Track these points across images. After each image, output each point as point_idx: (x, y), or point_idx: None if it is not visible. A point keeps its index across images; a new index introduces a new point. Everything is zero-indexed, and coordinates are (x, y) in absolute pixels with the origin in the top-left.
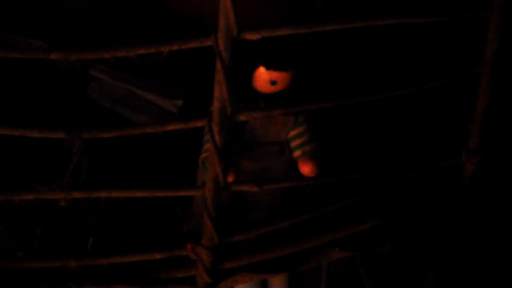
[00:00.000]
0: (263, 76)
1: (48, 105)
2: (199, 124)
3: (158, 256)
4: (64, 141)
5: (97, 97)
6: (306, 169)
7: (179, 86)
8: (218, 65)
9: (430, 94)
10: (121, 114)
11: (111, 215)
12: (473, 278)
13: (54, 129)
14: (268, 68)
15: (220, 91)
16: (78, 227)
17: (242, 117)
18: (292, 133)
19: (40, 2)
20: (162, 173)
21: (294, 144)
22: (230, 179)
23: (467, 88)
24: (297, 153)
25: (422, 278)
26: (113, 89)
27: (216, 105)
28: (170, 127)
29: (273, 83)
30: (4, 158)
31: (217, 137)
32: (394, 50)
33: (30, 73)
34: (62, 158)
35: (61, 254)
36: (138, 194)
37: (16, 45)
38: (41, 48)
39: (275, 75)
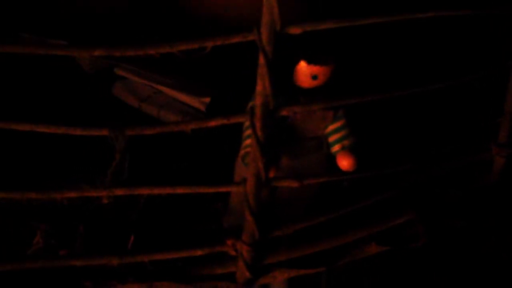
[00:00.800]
0: (304, 71)
1: (75, 105)
2: (241, 119)
3: (199, 252)
4: (104, 139)
5: (123, 96)
6: (345, 163)
7: (206, 83)
8: (261, 60)
9: (461, 88)
10: (148, 113)
11: (152, 213)
12: (494, 275)
13: (97, 126)
14: (309, 62)
15: (263, 86)
16: (120, 225)
17: (284, 112)
18: (331, 127)
19: (57, 2)
20: (193, 170)
21: (332, 138)
22: (271, 174)
23: (496, 82)
24: (335, 148)
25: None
26: (139, 87)
27: (258, 100)
28: (212, 123)
29: (314, 77)
30: (44, 156)
31: (259, 133)
32: (422, 45)
33: (55, 74)
34: (101, 156)
35: (103, 252)
36: (180, 190)
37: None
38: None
39: (316, 69)
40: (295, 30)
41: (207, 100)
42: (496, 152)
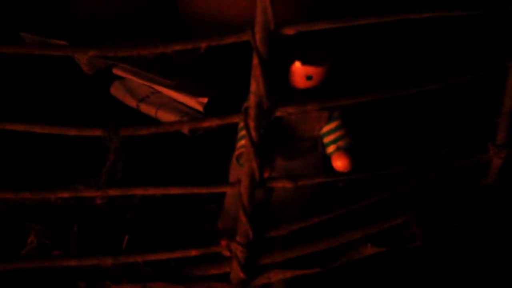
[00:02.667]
0: (298, 71)
1: (72, 105)
2: (235, 120)
3: (193, 253)
4: (100, 139)
5: (121, 96)
6: (340, 164)
7: (204, 84)
8: (255, 60)
9: (461, 88)
10: (146, 113)
11: (146, 213)
12: (484, 275)
13: (91, 126)
14: (304, 63)
15: (257, 86)
16: (114, 225)
17: (278, 113)
18: (326, 128)
19: (56, 2)
20: (190, 170)
21: (328, 139)
22: (266, 175)
23: (496, 82)
24: (330, 149)
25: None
26: (136, 87)
27: (252, 100)
28: (207, 124)
29: (309, 78)
30: (39, 156)
31: (253, 133)
32: (425, 44)
33: (54, 73)
34: (97, 156)
35: (97, 252)
36: (174, 191)
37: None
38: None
39: (311, 70)
40: (289, 31)
41: (205, 100)
42: (494, 153)
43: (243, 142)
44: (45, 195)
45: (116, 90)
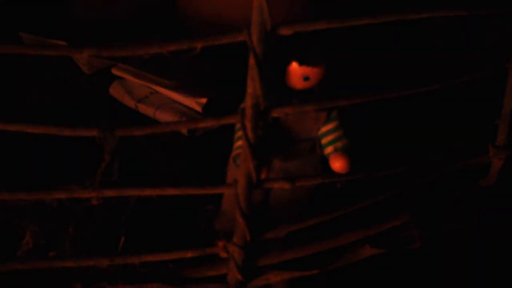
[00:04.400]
0: (296, 72)
1: (71, 105)
2: (231, 121)
3: (190, 254)
4: (95, 140)
5: (120, 97)
6: (337, 165)
7: (203, 84)
8: (252, 61)
9: (459, 89)
10: (144, 113)
11: (143, 214)
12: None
13: (86, 127)
14: (301, 63)
15: (253, 87)
16: (110, 226)
17: (275, 114)
18: (324, 129)
19: (56, 3)
20: (189, 171)
21: (326, 140)
22: (263, 176)
23: (495, 83)
24: (328, 150)
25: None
26: (135, 88)
27: (249, 101)
28: (202, 124)
29: (306, 78)
30: (34, 157)
31: (250, 134)
32: (420, 44)
33: (53, 73)
34: (93, 156)
35: (93, 253)
36: (170, 191)
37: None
38: None
39: (308, 70)
40: (285, 31)
41: (204, 100)
42: (494, 154)
43: (240, 143)
44: (40, 196)
45: (115, 90)
